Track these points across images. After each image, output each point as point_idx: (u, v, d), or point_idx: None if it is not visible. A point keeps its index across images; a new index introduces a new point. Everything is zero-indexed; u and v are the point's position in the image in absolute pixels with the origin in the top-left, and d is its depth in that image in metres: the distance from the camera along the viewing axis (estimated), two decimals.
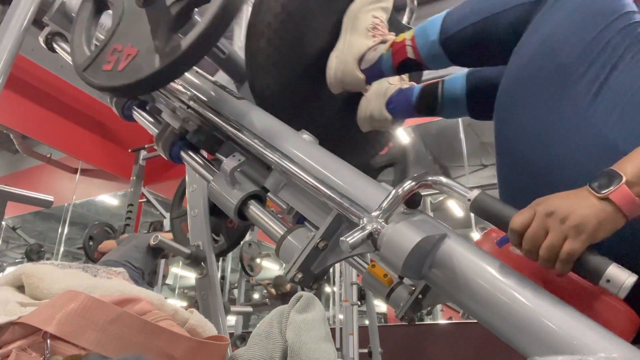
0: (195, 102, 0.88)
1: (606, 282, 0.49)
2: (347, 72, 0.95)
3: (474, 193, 0.58)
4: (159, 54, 0.74)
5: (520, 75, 0.75)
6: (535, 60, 0.73)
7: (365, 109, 1.05)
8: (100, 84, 0.80)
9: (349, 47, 0.96)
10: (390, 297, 0.80)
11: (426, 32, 0.88)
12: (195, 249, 1.35)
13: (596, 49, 0.68)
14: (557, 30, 0.72)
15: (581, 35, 0.69)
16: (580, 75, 0.68)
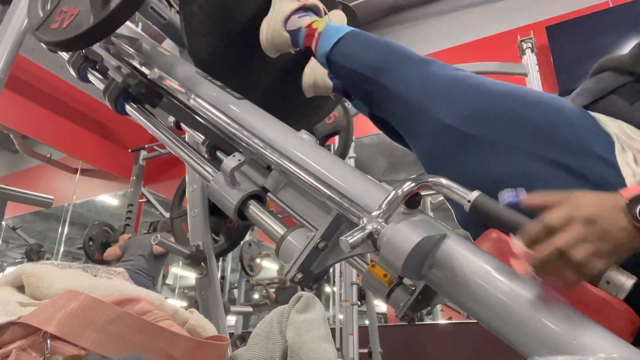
0: (196, 102, 0.88)
1: (606, 283, 0.49)
2: (275, 34, 1.01)
3: (473, 194, 0.58)
4: (94, 12, 0.88)
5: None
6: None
7: (309, 75, 1.12)
8: (47, 40, 0.94)
9: (277, 12, 1.02)
10: (390, 297, 0.80)
11: (327, 39, 0.93)
12: (195, 249, 1.35)
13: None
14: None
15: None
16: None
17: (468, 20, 4.35)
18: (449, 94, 0.78)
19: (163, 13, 1.13)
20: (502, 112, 0.72)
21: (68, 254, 7.77)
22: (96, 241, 4.72)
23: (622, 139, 0.66)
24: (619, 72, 0.73)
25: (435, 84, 0.80)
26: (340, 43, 0.90)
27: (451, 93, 0.77)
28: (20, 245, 7.92)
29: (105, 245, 4.69)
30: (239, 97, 0.91)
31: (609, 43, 3.27)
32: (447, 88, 0.78)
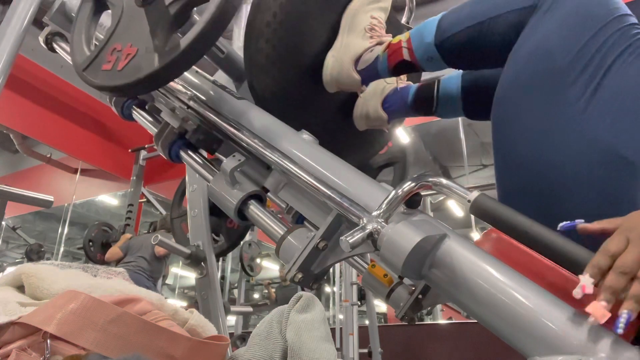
0: (194, 102, 0.88)
1: None
2: (342, 72, 0.95)
3: (473, 194, 0.58)
4: (158, 53, 0.74)
5: (515, 80, 0.75)
6: (529, 64, 0.73)
7: (362, 107, 1.06)
8: (100, 84, 0.80)
9: (345, 47, 0.96)
10: (390, 297, 0.80)
11: (422, 34, 0.88)
12: (195, 249, 1.35)
13: (590, 52, 0.68)
14: (551, 34, 0.72)
15: (575, 39, 0.70)
16: (574, 79, 0.68)
17: None
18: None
19: (222, 46, 1.03)
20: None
21: (68, 254, 7.78)
22: (96, 242, 4.73)
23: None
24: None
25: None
26: (444, 19, 0.86)
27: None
28: (20, 245, 7.92)
29: (106, 245, 4.69)
30: (240, 97, 0.91)
31: None
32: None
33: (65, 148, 5.54)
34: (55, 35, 1.15)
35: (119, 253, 3.98)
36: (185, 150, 0.90)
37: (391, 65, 0.92)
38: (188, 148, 0.91)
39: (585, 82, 0.67)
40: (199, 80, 0.95)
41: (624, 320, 0.43)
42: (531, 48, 0.74)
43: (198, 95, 0.90)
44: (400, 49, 0.90)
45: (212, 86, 0.93)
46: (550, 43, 0.71)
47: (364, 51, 0.94)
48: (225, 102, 0.89)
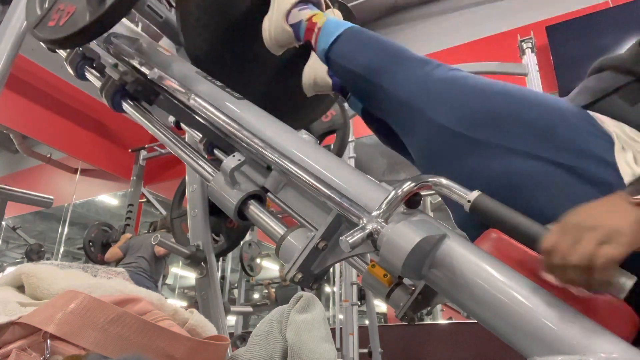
0: (195, 102, 0.88)
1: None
2: (277, 29, 1.00)
3: (473, 194, 0.58)
4: (91, 9, 0.89)
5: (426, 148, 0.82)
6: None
7: (309, 74, 1.10)
8: (44, 37, 0.94)
9: (277, 6, 1.01)
10: (390, 297, 0.80)
11: (326, 36, 0.92)
12: (195, 249, 1.35)
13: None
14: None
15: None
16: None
17: (468, 20, 4.34)
18: (445, 95, 0.77)
19: (159, 11, 1.14)
20: (499, 113, 0.72)
21: (68, 254, 7.77)
22: (96, 243, 4.72)
23: (623, 139, 0.66)
24: (619, 71, 0.73)
25: (432, 85, 0.79)
26: (339, 41, 0.90)
27: (448, 94, 0.77)
28: (20, 245, 7.92)
29: (106, 245, 4.69)
30: (239, 97, 0.91)
31: (609, 43, 3.26)
32: (444, 89, 0.78)
33: (65, 148, 5.53)
34: None
35: (119, 253, 3.98)
36: (126, 100, 1.00)
37: (304, 39, 0.98)
38: (129, 98, 1.00)
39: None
40: (202, 83, 0.95)
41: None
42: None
43: (201, 95, 0.90)
44: (312, 32, 0.95)
45: (214, 87, 0.93)
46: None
47: (292, 6, 0.99)
48: (225, 102, 0.89)
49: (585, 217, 0.50)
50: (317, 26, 0.94)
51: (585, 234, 0.48)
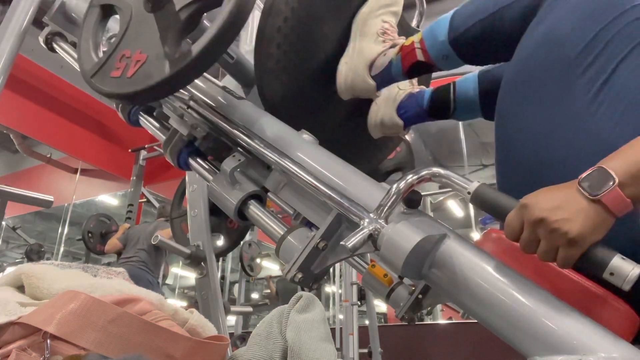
0: (195, 102, 0.88)
1: (610, 274, 0.48)
2: (357, 79, 0.93)
3: (474, 185, 0.58)
4: (169, 60, 0.73)
5: (521, 68, 0.73)
6: (538, 52, 0.71)
7: (376, 115, 1.03)
8: (109, 91, 0.78)
9: (359, 53, 0.94)
10: (390, 297, 0.80)
11: (434, 33, 0.87)
12: (195, 249, 1.35)
13: (602, 42, 0.65)
14: (563, 22, 0.69)
15: (587, 27, 0.66)
16: (583, 70, 0.65)
17: None
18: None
19: (231, 51, 1.01)
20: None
21: (68, 254, 7.78)
22: (95, 233, 4.72)
23: None
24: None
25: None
26: (456, 15, 0.85)
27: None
28: (20, 245, 7.92)
29: (104, 235, 4.68)
30: (239, 97, 0.91)
31: None
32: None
33: (65, 148, 5.54)
34: (55, 35, 1.15)
35: (118, 244, 3.97)
36: (194, 157, 0.89)
37: (405, 67, 0.90)
38: (196, 155, 0.90)
39: (594, 74, 0.64)
40: (198, 80, 0.95)
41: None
42: (540, 36, 0.71)
43: (198, 94, 0.90)
44: (414, 50, 0.89)
45: (211, 86, 0.93)
46: (560, 31, 0.69)
47: (377, 55, 0.93)
48: (224, 102, 0.89)
49: (545, 212, 0.51)
50: (416, 42, 0.89)
51: (543, 234, 0.51)
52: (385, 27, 0.95)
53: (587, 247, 0.50)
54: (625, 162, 0.50)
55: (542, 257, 0.52)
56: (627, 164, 0.50)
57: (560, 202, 0.51)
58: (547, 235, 0.51)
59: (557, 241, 0.50)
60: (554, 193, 0.52)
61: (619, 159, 0.51)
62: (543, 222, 0.51)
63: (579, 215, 0.49)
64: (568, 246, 0.50)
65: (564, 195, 0.51)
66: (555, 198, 0.52)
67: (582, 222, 0.49)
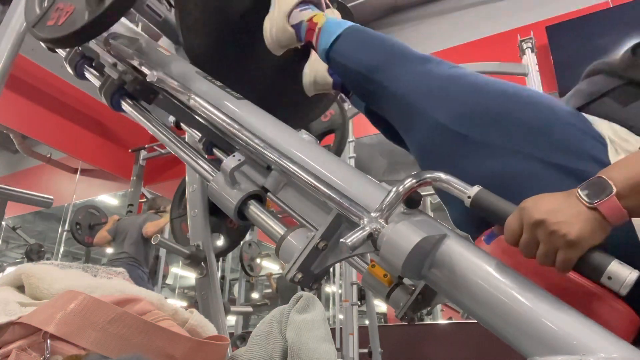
0: (195, 102, 0.88)
1: (607, 279, 0.49)
2: (279, 30, 1.00)
3: (474, 189, 0.58)
4: (89, 9, 0.89)
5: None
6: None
7: (310, 73, 1.11)
8: (43, 37, 0.94)
9: (279, 7, 1.01)
10: (390, 297, 0.80)
11: (327, 35, 0.92)
12: (195, 249, 1.35)
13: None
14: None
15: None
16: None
17: (468, 20, 4.34)
18: (443, 93, 0.77)
19: (159, 10, 1.14)
20: (496, 113, 0.72)
21: (68, 254, 7.77)
22: (83, 225, 4.69)
23: (615, 141, 0.66)
24: (611, 75, 0.73)
25: (431, 82, 0.79)
26: (339, 40, 0.90)
27: (446, 92, 0.77)
28: (20, 245, 7.91)
29: (93, 227, 4.65)
30: (239, 96, 0.91)
31: (609, 43, 3.26)
32: (443, 87, 0.78)
33: (65, 148, 5.53)
34: None
35: (108, 237, 3.95)
36: (125, 99, 1.00)
37: (305, 39, 0.98)
38: (128, 97, 1.00)
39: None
40: (201, 82, 0.95)
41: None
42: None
43: (200, 95, 0.90)
44: (313, 32, 0.95)
45: (213, 87, 0.93)
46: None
47: (293, 6, 0.99)
48: (225, 102, 0.89)
49: (544, 214, 0.51)
50: (317, 26, 0.94)
51: (542, 236, 0.51)
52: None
53: (585, 250, 0.50)
54: (624, 174, 0.51)
55: (541, 261, 0.52)
56: (627, 175, 0.51)
57: (559, 205, 0.52)
58: (546, 238, 0.51)
59: (556, 243, 0.50)
60: (553, 197, 0.53)
61: (618, 170, 0.52)
62: (542, 224, 0.51)
63: (578, 219, 0.50)
64: (567, 248, 0.50)
65: (563, 200, 0.52)
66: (554, 202, 0.52)
67: (581, 225, 0.50)
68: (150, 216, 3.94)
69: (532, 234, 0.52)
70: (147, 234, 3.74)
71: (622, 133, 0.67)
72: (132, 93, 0.98)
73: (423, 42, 4.33)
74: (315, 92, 1.13)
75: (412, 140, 0.83)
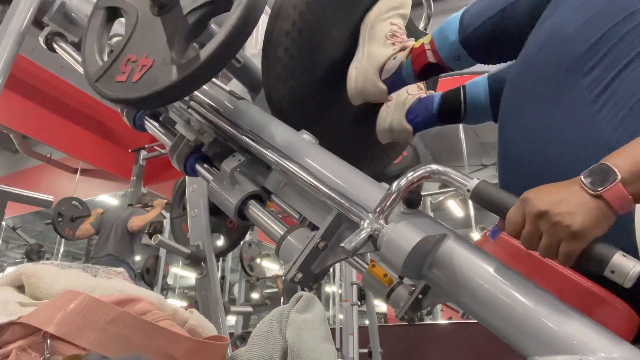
0: (194, 102, 0.88)
1: (611, 272, 0.48)
2: (368, 83, 0.93)
3: (473, 182, 0.57)
4: (176, 65, 0.71)
5: (525, 67, 0.73)
6: (542, 50, 0.70)
7: (384, 120, 1.02)
8: (114, 96, 0.76)
9: (368, 57, 0.93)
10: (390, 297, 0.80)
11: (445, 34, 0.87)
12: (195, 249, 1.35)
13: (609, 43, 0.64)
14: (569, 20, 0.68)
15: (594, 26, 0.65)
16: (588, 70, 0.65)
17: None
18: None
19: (239, 56, 0.99)
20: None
21: (68, 254, 7.78)
22: (65, 216, 4.63)
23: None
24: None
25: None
26: (465, 15, 0.85)
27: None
28: (20, 245, 7.92)
29: (75, 220, 4.60)
30: (239, 96, 0.91)
31: None
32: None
33: (65, 148, 5.54)
34: (55, 35, 1.15)
35: (91, 230, 3.89)
36: (201, 163, 0.88)
37: (416, 70, 0.90)
38: (203, 161, 0.88)
39: (599, 74, 0.63)
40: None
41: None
42: (544, 34, 0.71)
43: (197, 94, 0.90)
44: (424, 52, 0.88)
45: (210, 85, 0.93)
46: (568, 28, 0.68)
47: (387, 59, 0.92)
48: (224, 101, 0.89)
49: (547, 205, 0.50)
50: (426, 44, 0.89)
51: (545, 227, 0.50)
52: (394, 30, 0.94)
53: (589, 241, 0.49)
54: (629, 159, 0.50)
55: (543, 253, 0.52)
56: (631, 161, 0.50)
57: (562, 196, 0.51)
58: (549, 229, 0.50)
59: (560, 234, 0.50)
60: (556, 188, 0.52)
61: (622, 157, 0.51)
62: (545, 215, 0.50)
63: (581, 209, 0.49)
64: (570, 240, 0.49)
65: (566, 190, 0.51)
66: (557, 192, 0.51)
67: (584, 215, 0.49)
68: (136, 210, 3.91)
69: (535, 226, 0.51)
70: (133, 228, 3.69)
71: None
72: (212, 157, 0.87)
73: None
74: (391, 140, 1.05)
75: (535, 61, 0.72)
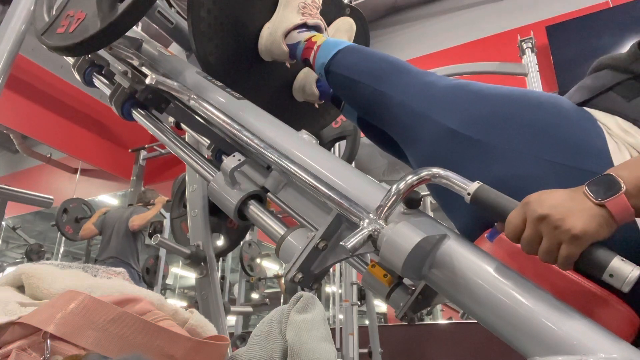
0: (196, 102, 0.88)
1: (609, 276, 0.48)
2: (274, 44, 1.04)
3: (474, 185, 0.57)
4: (101, 16, 0.87)
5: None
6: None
7: (300, 80, 1.15)
8: (54, 45, 0.92)
9: (279, 20, 1.04)
10: (390, 297, 0.80)
11: (324, 53, 0.96)
12: (195, 249, 1.35)
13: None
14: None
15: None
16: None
17: (468, 20, 4.34)
18: (451, 100, 0.78)
19: (170, 17, 1.12)
20: (503, 116, 0.72)
21: (68, 254, 7.77)
22: (70, 214, 4.63)
23: (615, 133, 0.66)
24: (617, 70, 0.73)
25: (436, 91, 0.80)
26: (340, 54, 0.93)
27: (454, 99, 0.78)
28: (20, 245, 7.92)
29: (79, 221, 4.59)
30: (239, 97, 0.91)
31: (609, 43, 3.26)
32: (450, 94, 0.79)
33: (65, 148, 5.54)
34: None
35: (94, 230, 3.88)
36: (135, 108, 0.99)
37: (302, 58, 1.01)
38: (139, 107, 0.99)
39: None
40: (203, 82, 0.95)
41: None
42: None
43: (201, 96, 0.90)
44: (311, 50, 0.98)
45: (214, 87, 0.93)
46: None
47: (293, 27, 1.02)
48: (225, 102, 0.89)
49: (548, 209, 0.51)
50: (316, 44, 0.98)
51: (545, 230, 0.51)
52: (306, 3, 1.05)
53: (588, 244, 0.50)
54: (634, 173, 0.51)
55: (543, 257, 0.52)
56: (636, 175, 0.50)
57: (564, 201, 0.51)
58: (549, 232, 0.51)
59: (560, 237, 0.50)
60: (558, 193, 0.53)
61: (628, 169, 0.51)
62: (547, 219, 0.51)
63: (583, 214, 0.50)
64: (570, 243, 0.49)
65: (568, 196, 0.52)
66: (559, 197, 0.52)
67: (586, 220, 0.49)
68: (137, 209, 3.90)
69: (536, 229, 0.52)
70: (134, 227, 3.68)
71: (626, 126, 0.67)
72: (144, 102, 0.97)
73: (423, 42, 4.33)
74: (303, 100, 1.18)
75: (417, 150, 0.83)
